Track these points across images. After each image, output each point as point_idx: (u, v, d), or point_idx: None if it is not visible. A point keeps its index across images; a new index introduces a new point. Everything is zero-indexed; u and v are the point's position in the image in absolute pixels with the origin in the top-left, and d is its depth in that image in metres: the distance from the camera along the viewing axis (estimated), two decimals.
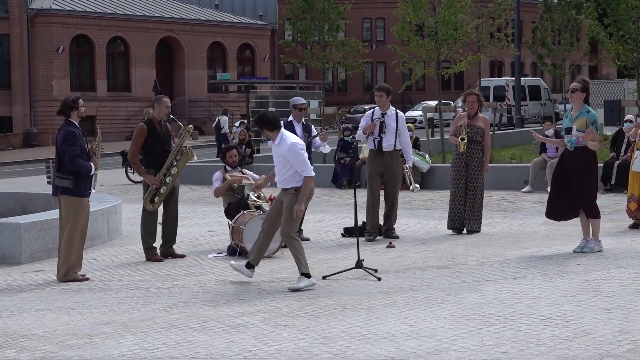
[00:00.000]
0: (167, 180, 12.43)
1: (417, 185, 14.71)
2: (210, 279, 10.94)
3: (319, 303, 9.28)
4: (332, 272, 10.79)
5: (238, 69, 59.46)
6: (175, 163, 12.48)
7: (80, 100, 11.36)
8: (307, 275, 10.13)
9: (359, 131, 13.94)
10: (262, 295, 9.83)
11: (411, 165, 14.23)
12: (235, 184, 13.18)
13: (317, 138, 13.83)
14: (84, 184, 11.18)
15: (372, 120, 13.75)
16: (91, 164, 11.12)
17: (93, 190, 11.49)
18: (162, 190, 12.39)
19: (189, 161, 12.90)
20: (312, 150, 13.77)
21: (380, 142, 13.67)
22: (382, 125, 13.65)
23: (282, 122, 14.01)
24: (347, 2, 37.19)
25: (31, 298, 10.22)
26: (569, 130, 11.81)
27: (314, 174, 10.37)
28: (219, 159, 13.54)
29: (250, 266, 10.60)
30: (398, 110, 14.02)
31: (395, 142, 13.69)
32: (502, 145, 31.22)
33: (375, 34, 70.16)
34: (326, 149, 14.19)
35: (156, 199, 12.43)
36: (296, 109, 13.76)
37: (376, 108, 13.94)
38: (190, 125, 13.23)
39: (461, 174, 13.77)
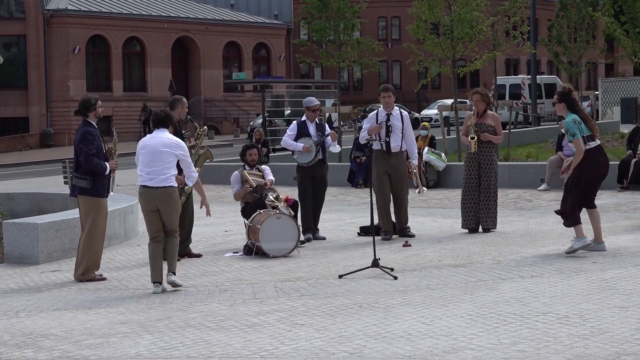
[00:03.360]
0: None
1: (425, 188, 14.54)
2: (227, 278, 10.96)
3: (335, 302, 9.28)
4: (349, 271, 10.79)
5: (253, 68, 59.52)
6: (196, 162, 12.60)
7: (99, 100, 11.42)
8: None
9: (363, 133, 13.85)
10: (279, 295, 9.84)
11: (416, 164, 13.99)
12: (251, 185, 13.19)
13: (329, 138, 13.81)
14: (102, 184, 11.21)
15: (378, 122, 13.64)
16: (106, 163, 11.15)
17: (111, 193, 11.52)
18: (186, 189, 12.46)
19: (206, 161, 12.98)
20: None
21: (388, 144, 13.55)
22: (389, 128, 13.54)
23: (295, 121, 14.13)
24: (362, 1, 37.15)
25: (48, 298, 10.26)
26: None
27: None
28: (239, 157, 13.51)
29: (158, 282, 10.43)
30: (402, 110, 13.95)
31: (402, 142, 13.62)
32: (518, 144, 31.14)
33: (390, 32, 70.10)
34: (336, 148, 14.19)
35: (182, 197, 12.49)
36: (309, 110, 13.85)
37: (380, 109, 13.73)
38: (205, 127, 13.28)
39: (473, 174, 13.72)
